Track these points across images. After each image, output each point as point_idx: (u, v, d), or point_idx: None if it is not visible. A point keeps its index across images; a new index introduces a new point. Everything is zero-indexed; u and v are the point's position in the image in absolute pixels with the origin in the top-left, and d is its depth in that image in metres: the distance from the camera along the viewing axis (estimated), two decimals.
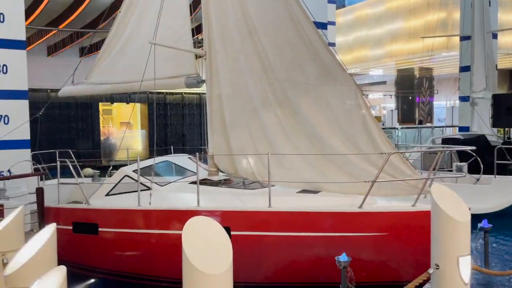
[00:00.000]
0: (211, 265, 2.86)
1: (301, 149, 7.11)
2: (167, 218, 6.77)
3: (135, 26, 9.11)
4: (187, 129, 26.67)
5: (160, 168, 8.23)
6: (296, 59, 7.30)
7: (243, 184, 7.80)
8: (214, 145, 8.11)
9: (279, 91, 7.49)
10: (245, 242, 6.06)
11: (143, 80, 7.86)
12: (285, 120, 7.41)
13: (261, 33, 7.55)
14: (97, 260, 7.25)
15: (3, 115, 10.15)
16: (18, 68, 10.31)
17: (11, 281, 2.91)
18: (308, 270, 6.30)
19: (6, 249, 3.82)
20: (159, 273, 6.92)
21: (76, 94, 10.22)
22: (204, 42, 8.24)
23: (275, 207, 6.24)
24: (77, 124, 23.20)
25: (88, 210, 7.28)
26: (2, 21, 10.11)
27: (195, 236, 3.09)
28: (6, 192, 8.64)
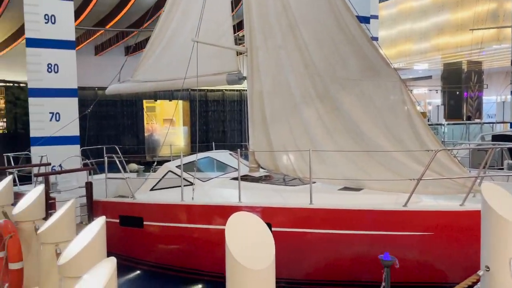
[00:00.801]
0: (254, 261, 2.87)
1: (342, 146, 7.00)
2: (209, 213, 6.88)
3: (178, 25, 9.30)
4: (228, 125, 26.94)
5: (202, 164, 8.37)
6: (338, 54, 7.18)
7: (283, 181, 7.80)
8: (255, 142, 8.15)
9: (320, 87, 7.40)
10: (285, 239, 6.05)
11: (186, 78, 8.02)
12: (326, 116, 7.32)
13: (302, 28, 7.49)
14: (142, 253, 7.48)
15: (55, 113, 10.67)
16: (68, 67, 10.80)
17: (64, 271, 3.07)
18: (349, 268, 6.21)
19: (59, 240, 4.02)
20: (201, 267, 7.05)
21: (122, 92, 10.57)
22: (245, 39, 8.28)
23: (316, 204, 6.18)
24: (123, 121, 23.99)
25: (134, 204, 7.53)
26: (53, 23, 10.62)
27: (238, 231, 3.11)
28: (58, 185, 9.12)
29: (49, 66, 10.54)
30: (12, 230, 4.58)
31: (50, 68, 10.54)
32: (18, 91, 19.57)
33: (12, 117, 19.26)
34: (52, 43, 10.58)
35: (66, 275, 3.07)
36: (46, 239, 4.02)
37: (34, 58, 10.41)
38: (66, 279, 3.06)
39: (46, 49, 10.50)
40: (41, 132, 10.36)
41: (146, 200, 7.51)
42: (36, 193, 4.99)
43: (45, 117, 10.47)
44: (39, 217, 4.91)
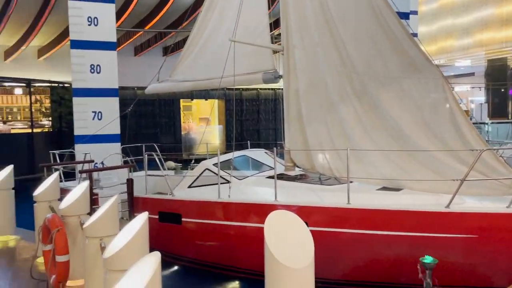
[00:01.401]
0: (293, 259, 2.88)
1: (381, 145, 6.86)
2: (245, 211, 6.93)
3: (215, 24, 9.40)
4: (262, 124, 27.02)
5: (238, 162, 8.44)
6: (377, 51, 7.04)
7: (319, 180, 7.74)
8: (290, 140, 8.14)
9: (358, 85, 7.29)
10: (322, 238, 6.00)
11: (222, 77, 8.10)
12: (364, 115, 7.20)
13: (340, 26, 7.39)
14: (180, 248, 7.64)
15: (97, 112, 11.03)
16: (110, 68, 11.12)
17: (109, 264, 3.18)
18: (387, 270, 6.09)
19: (103, 234, 4.17)
20: (237, 264, 7.12)
21: (160, 91, 10.81)
22: (282, 37, 8.27)
23: (354, 204, 6.10)
24: (160, 119, 24.57)
25: (173, 201, 7.70)
26: (96, 25, 10.98)
27: (277, 229, 3.13)
28: (100, 182, 9.45)
29: (92, 67, 10.90)
30: (59, 224, 4.79)
31: (93, 69, 10.90)
32: (63, 91, 20.41)
33: (57, 116, 20.09)
34: (95, 44, 10.93)
35: (111, 268, 3.18)
36: (91, 233, 4.18)
37: (78, 59, 10.80)
38: (111, 272, 3.17)
39: (89, 50, 10.87)
40: (84, 131, 10.74)
41: (184, 197, 7.66)
42: (81, 189, 5.19)
43: (88, 116, 10.84)
44: (84, 212, 5.10)
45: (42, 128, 20.52)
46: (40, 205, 5.95)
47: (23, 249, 6.61)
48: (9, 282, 5.23)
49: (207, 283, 7.22)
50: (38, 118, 20.68)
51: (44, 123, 21.01)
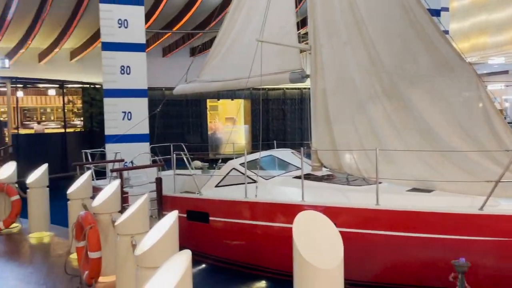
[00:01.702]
0: (322, 260, 2.86)
1: (411, 145, 6.72)
2: (272, 211, 6.94)
3: (242, 24, 9.44)
4: (288, 124, 26.93)
5: (264, 162, 8.45)
6: (408, 49, 6.90)
7: (346, 180, 7.66)
8: (317, 140, 8.08)
9: (388, 84, 7.17)
10: (350, 240, 5.93)
11: (249, 77, 8.13)
12: (394, 114, 7.07)
13: (369, 24, 7.29)
14: (208, 247, 7.72)
15: (127, 112, 11.26)
16: (139, 69, 11.33)
17: (141, 261, 3.25)
18: (417, 273, 5.97)
19: (134, 232, 4.27)
20: (264, 263, 7.13)
21: (188, 91, 10.93)
22: (309, 36, 8.22)
23: (383, 205, 6.00)
24: (187, 119, 24.85)
25: (200, 200, 7.78)
26: (126, 27, 11.21)
27: (306, 230, 3.12)
28: (130, 181, 9.64)
29: (122, 68, 11.14)
30: (92, 222, 4.93)
31: (123, 70, 11.14)
32: (94, 92, 20.97)
33: (88, 116, 20.66)
34: (125, 46, 11.16)
35: (143, 265, 3.24)
36: (122, 231, 4.28)
37: (109, 61, 11.06)
38: (143, 269, 3.24)
39: (119, 52, 11.11)
40: (114, 130, 10.99)
41: (212, 196, 7.73)
42: (113, 188, 5.32)
43: (118, 116, 11.08)
44: (115, 210, 5.23)
45: (74, 128, 21.13)
46: (74, 202, 6.14)
47: (57, 245, 6.83)
48: (44, 277, 5.41)
49: (235, 282, 7.26)
50: (70, 118, 21.31)
51: (76, 123, 21.63)
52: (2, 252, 6.62)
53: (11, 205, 7.60)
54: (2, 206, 7.68)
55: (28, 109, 23.79)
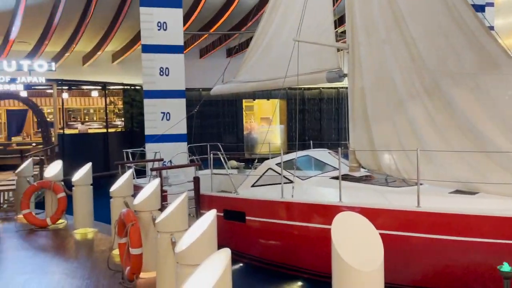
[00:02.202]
0: (362, 262, 2.82)
1: (454, 145, 6.49)
2: (309, 211, 6.90)
3: (279, 24, 9.44)
4: (325, 123, 26.66)
5: (301, 162, 8.41)
6: (451, 46, 6.67)
7: (385, 181, 7.50)
8: (355, 140, 7.96)
9: (429, 82, 6.95)
10: (389, 242, 5.81)
11: (286, 77, 8.11)
12: (435, 113, 6.85)
13: (409, 21, 7.10)
14: (244, 246, 7.77)
15: (166, 112, 11.52)
16: (177, 70, 11.58)
17: (181, 258, 3.33)
18: (459, 277, 5.76)
19: (174, 230, 4.36)
20: (300, 264, 7.11)
21: (225, 92, 11.05)
22: (347, 35, 8.11)
23: (425, 207, 5.83)
24: (224, 119, 25.11)
25: (237, 199, 7.85)
26: (165, 29, 11.47)
27: (344, 231, 3.08)
28: (169, 179, 9.87)
29: (161, 70, 11.42)
30: (134, 219, 5.07)
31: (162, 72, 11.41)
32: (134, 93, 21.60)
33: (129, 116, 21.31)
34: (164, 48, 11.44)
35: (183, 263, 3.31)
36: (162, 228, 4.38)
37: (148, 63, 11.37)
38: (183, 266, 3.31)
39: (159, 54, 11.40)
40: (154, 130, 11.28)
41: (248, 196, 7.78)
42: (153, 186, 5.45)
43: (157, 117, 11.36)
44: (155, 208, 5.36)
45: (116, 128, 21.84)
46: (116, 200, 6.34)
47: (100, 241, 7.09)
48: (89, 272, 5.63)
49: (272, 282, 7.28)
50: (112, 119, 22.04)
51: (117, 123, 22.35)
52: (49, 247, 6.94)
53: (57, 202, 7.96)
54: (50, 203, 8.06)
55: (73, 110, 24.82)
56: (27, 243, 7.11)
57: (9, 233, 7.68)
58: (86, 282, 5.25)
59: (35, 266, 5.94)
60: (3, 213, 9.33)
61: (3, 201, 9.75)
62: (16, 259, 6.30)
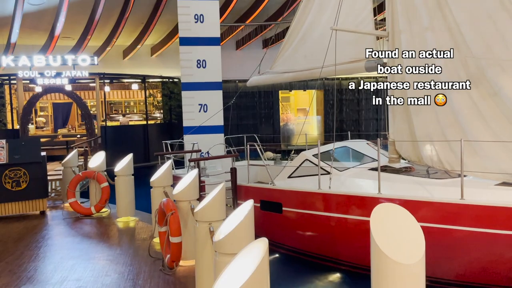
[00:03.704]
0: (402, 254, 2.76)
1: (502, 136, 6.20)
2: (346, 202, 6.81)
3: (316, 14, 9.29)
4: (363, 114, 26.15)
5: (338, 153, 8.31)
6: (498, 32, 6.33)
7: (426, 173, 7.27)
8: (395, 131, 7.75)
9: (474, 70, 6.64)
10: (431, 235, 5.65)
11: (323, 67, 7.99)
12: (481, 102, 6.55)
13: (453, 6, 6.79)
14: (281, 237, 7.80)
15: (203, 104, 11.68)
16: (214, 62, 11.69)
17: (219, 247, 3.38)
18: (506, 273, 5.53)
19: (212, 219, 4.43)
20: (337, 255, 7.05)
21: (262, 83, 11.03)
22: (387, 22, 7.87)
23: (469, 200, 5.62)
24: (260, 111, 25.15)
25: (274, 190, 7.87)
26: (202, 22, 11.58)
27: (384, 223, 3.02)
28: (207, 170, 10.03)
29: (198, 62, 11.56)
30: (173, 208, 5.20)
31: (199, 64, 11.55)
32: (172, 86, 22.01)
33: (168, 108, 21.76)
34: (201, 40, 11.55)
35: (221, 251, 3.37)
36: (201, 218, 4.46)
37: (186, 55, 11.53)
38: (221, 255, 3.36)
39: (196, 46, 11.53)
40: (191, 122, 11.48)
41: (285, 187, 7.78)
42: (191, 177, 5.56)
43: (195, 109, 11.54)
44: (194, 198, 5.47)
45: (155, 120, 22.37)
46: (156, 190, 6.52)
47: (141, 229, 7.32)
48: (131, 258, 5.84)
49: (308, 272, 7.27)
50: (151, 111, 22.59)
51: (156, 115, 22.88)
52: (94, 234, 7.25)
53: (101, 191, 8.29)
54: (94, 192, 8.40)
55: (114, 102, 25.61)
56: (73, 230, 7.46)
57: (56, 221, 8.08)
58: (128, 269, 5.44)
59: (81, 252, 6.22)
60: (51, 202, 9.82)
61: (51, 190, 10.25)
62: (64, 245, 6.62)
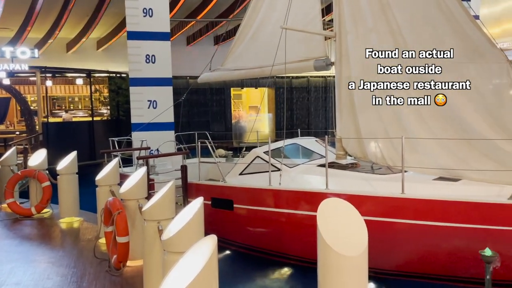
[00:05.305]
0: (346, 247, 2.87)
1: (438, 133, 6.59)
2: (296, 198, 6.96)
3: (266, 12, 9.38)
4: (312, 112, 26.77)
5: (288, 150, 8.46)
6: (436, 35, 6.71)
7: (371, 169, 7.59)
8: (342, 128, 8.01)
9: (415, 71, 6.99)
10: (374, 228, 5.90)
11: (274, 65, 8.10)
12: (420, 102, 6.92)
13: (395, 10, 7.12)
14: (232, 234, 7.82)
15: (152, 100, 11.41)
16: (164, 57, 11.43)
17: (168, 246, 3.34)
18: (443, 262, 5.90)
19: (160, 218, 4.37)
20: (287, 250, 7.19)
21: (213, 80, 10.98)
22: (334, 23, 8.10)
23: (409, 194, 5.94)
24: (211, 108, 25.01)
25: (225, 187, 7.87)
26: (151, 16, 11.29)
27: (330, 217, 3.13)
28: (156, 168, 9.83)
29: (147, 57, 11.26)
30: (120, 207, 5.06)
31: (148, 59, 11.26)
32: (120, 81, 21.31)
33: (115, 104, 21.05)
34: (150, 35, 11.26)
35: (170, 250, 3.33)
36: (149, 216, 4.38)
37: (134, 50, 11.19)
38: (170, 254, 3.33)
39: (145, 41, 11.23)
40: (140, 119, 11.17)
41: (236, 184, 7.80)
42: (140, 175, 5.44)
43: (144, 105, 11.23)
44: (142, 196, 5.35)
45: (101, 116, 21.58)
46: (102, 189, 6.30)
47: (86, 230, 7.06)
48: (75, 260, 5.62)
49: (259, 268, 7.35)
50: (98, 107, 21.76)
51: (102, 111, 22.08)
52: (34, 236, 6.89)
53: (42, 191, 7.88)
54: (34, 192, 7.98)
55: (57, 98, 24.41)
56: (12, 232, 7.04)
57: None
58: (72, 271, 5.24)
59: (21, 255, 5.90)
60: None
61: None
62: (1, 248, 6.25)
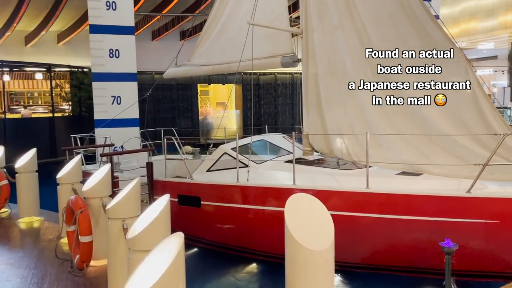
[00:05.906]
0: (313, 242, 2.90)
1: (401, 129, 6.78)
2: (263, 194, 6.97)
3: (233, 7, 9.33)
4: (280, 109, 26.93)
5: (256, 146, 8.46)
6: (399, 34, 6.89)
7: (337, 164, 7.72)
8: (309, 125, 8.10)
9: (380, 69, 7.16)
10: (340, 223, 6.01)
11: (241, 61, 8.07)
12: (384, 99, 7.09)
13: (360, 8, 7.25)
14: (199, 231, 7.75)
15: (116, 96, 11.11)
16: (128, 52, 11.14)
17: (133, 244, 3.26)
18: (406, 255, 6.08)
19: (125, 216, 4.26)
20: (255, 246, 7.21)
21: (179, 75, 10.82)
22: (301, 20, 8.16)
23: (373, 189, 6.08)
24: (178, 104, 24.67)
25: (192, 184, 7.79)
26: (114, 9, 10.99)
27: (297, 212, 3.15)
28: (120, 165, 9.60)
29: (110, 51, 10.95)
30: (83, 206, 4.91)
31: (112, 53, 10.95)
32: (82, 76, 20.64)
33: (77, 100, 20.39)
34: (113, 29, 10.95)
35: (135, 249, 3.26)
36: (113, 215, 4.27)
37: (97, 44, 10.85)
38: (135, 252, 3.25)
39: (108, 35, 10.91)
40: (104, 115, 10.86)
41: (203, 181, 7.74)
42: (103, 172, 5.29)
43: (107, 100, 10.92)
44: (106, 194, 5.22)
45: (63, 112, 20.85)
46: (63, 187, 6.11)
47: (47, 229, 6.81)
48: (35, 261, 5.41)
49: (227, 265, 7.33)
50: (59, 103, 21.00)
51: (64, 107, 21.34)
52: None
53: (0, 190, 7.54)
54: None
55: (15, 93, 23.39)
56: None
57: None
58: (32, 272, 5.04)
59: None
60: None
61: None
62: None
